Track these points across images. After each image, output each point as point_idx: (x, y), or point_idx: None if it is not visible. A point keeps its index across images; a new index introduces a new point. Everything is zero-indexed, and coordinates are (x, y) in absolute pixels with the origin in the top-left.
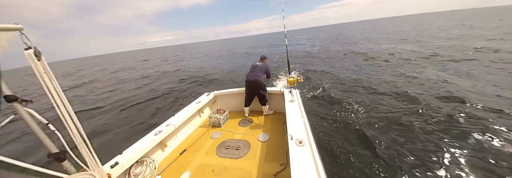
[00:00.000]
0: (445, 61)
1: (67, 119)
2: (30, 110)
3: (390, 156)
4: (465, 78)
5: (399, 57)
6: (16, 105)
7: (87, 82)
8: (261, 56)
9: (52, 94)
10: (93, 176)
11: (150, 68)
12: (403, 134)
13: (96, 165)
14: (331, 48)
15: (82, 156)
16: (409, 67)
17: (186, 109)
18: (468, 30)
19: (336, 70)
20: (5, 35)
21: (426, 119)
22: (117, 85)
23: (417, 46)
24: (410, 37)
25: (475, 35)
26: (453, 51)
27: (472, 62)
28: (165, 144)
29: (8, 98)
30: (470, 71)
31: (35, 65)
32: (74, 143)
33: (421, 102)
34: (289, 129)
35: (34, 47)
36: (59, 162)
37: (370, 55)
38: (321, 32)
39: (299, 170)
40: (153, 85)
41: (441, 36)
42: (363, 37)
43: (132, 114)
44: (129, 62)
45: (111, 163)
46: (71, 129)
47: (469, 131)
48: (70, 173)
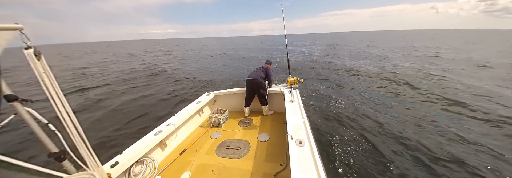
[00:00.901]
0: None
1: (66, 119)
2: (30, 110)
3: (390, 156)
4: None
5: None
6: (16, 105)
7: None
8: (266, 60)
9: (51, 94)
10: (93, 175)
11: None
12: (404, 134)
13: (96, 165)
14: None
15: (82, 156)
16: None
17: (186, 109)
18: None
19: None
20: (5, 35)
21: (427, 119)
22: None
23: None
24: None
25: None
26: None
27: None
28: (165, 144)
29: (8, 97)
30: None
31: (35, 64)
32: (74, 143)
33: (421, 102)
34: (289, 129)
35: (34, 47)
36: (59, 161)
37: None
38: (321, 39)
39: (299, 170)
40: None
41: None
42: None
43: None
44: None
45: (111, 163)
46: (70, 129)
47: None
48: (70, 173)
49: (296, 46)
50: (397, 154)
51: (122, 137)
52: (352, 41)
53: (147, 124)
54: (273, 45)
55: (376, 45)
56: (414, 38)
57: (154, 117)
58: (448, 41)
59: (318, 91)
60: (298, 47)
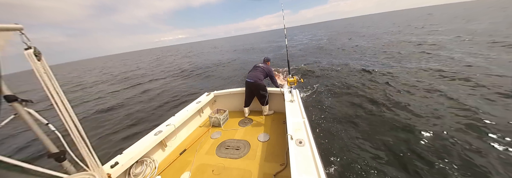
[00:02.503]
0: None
1: (67, 119)
2: (30, 110)
3: (390, 156)
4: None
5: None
6: (16, 105)
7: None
8: (264, 58)
9: (52, 94)
10: (93, 176)
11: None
12: (404, 134)
13: (96, 165)
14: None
15: (82, 156)
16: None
17: (186, 109)
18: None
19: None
20: (5, 35)
21: (429, 119)
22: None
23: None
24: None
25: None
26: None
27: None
28: (165, 144)
29: (8, 98)
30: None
31: (35, 65)
32: (74, 143)
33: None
34: (289, 129)
35: (34, 47)
36: (59, 162)
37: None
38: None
39: (299, 170)
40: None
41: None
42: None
43: None
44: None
45: (111, 163)
46: (71, 129)
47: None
48: (70, 173)
49: (303, 37)
50: (397, 154)
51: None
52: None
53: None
54: (277, 41)
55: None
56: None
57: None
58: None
59: (318, 91)
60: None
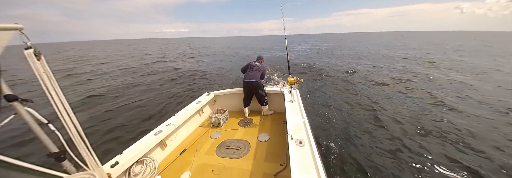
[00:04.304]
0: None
1: (66, 118)
2: (30, 110)
3: (390, 156)
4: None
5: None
6: (16, 105)
7: None
8: (257, 56)
9: (51, 93)
10: (93, 175)
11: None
12: (404, 134)
13: (96, 165)
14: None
15: (82, 156)
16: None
17: (186, 109)
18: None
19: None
20: (5, 35)
21: (430, 120)
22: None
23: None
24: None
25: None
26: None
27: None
28: (165, 144)
29: (8, 97)
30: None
31: (35, 65)
32: (74, 143)
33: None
34: (289, 129)
35: (34, 47)
36: (59, 161)
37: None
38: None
39: (299, 170)
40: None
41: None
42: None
43: None
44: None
45: (111, 163)
46: (70, 128)
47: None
48: (70, 173)
49: (303, 47)
50: (398, 154)
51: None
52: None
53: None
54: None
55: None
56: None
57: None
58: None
59: (318, 91)
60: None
